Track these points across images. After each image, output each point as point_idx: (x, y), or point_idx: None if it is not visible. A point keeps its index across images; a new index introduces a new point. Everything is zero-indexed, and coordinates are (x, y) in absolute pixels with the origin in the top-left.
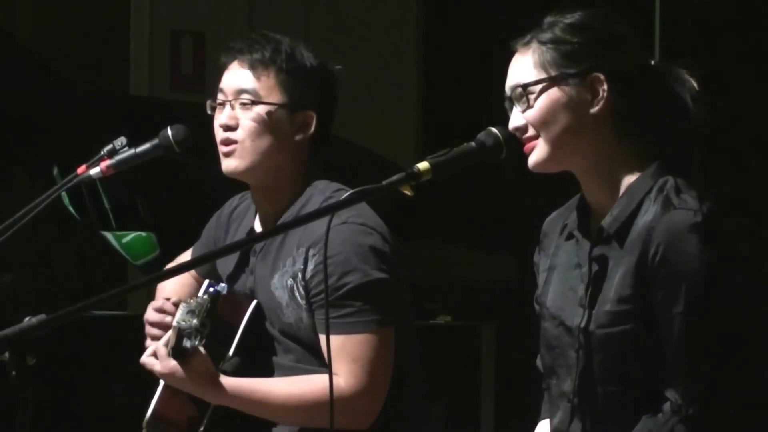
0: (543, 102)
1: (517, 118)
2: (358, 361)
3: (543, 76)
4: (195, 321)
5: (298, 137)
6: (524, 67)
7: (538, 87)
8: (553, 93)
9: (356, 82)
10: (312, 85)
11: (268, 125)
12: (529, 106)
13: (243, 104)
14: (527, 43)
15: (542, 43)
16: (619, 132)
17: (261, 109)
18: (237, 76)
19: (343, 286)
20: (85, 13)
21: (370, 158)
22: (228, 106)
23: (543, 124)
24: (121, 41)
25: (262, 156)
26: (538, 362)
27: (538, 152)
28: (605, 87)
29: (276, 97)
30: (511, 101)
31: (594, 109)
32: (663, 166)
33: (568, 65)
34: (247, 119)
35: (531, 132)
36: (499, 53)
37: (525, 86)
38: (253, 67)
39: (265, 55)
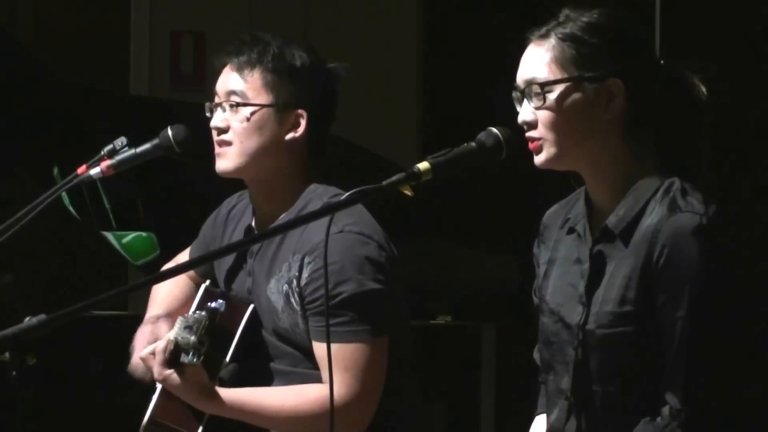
0: (559, 102)
1: (527, 113)
2: (351, 370)
3: (561, 75)
4: (193, 338)
5: (288, 137)
6: (540, 61)
7: (556, 86)
8: (571, 94)
9: (356, 81)
10: (302, 84)
11: (256, 126)
12: (544, 105)
13: (232, 106)
14: (544, 36)
15: (561, 39)
16: (628, 134)
17: (248, 111)
18: (227, 79)
19: (338, 295)
20: (85, 13)
21: (370, 158)
22: (220, 109)
23: (555, 125)
24: (121, 41)
25: (252, 157)
26: (536, 355)
27: (545, 153)
28: (623, 92)
29: (263, 98)
30: (522, 93)
31: (607, 113)
32: (669, 166)
33: (588, 67)
34: (236, 121)
35: (539, 132)
36: (500, 53)
37: (543, 84)
38: (240, 69)
39: (252, 57)
